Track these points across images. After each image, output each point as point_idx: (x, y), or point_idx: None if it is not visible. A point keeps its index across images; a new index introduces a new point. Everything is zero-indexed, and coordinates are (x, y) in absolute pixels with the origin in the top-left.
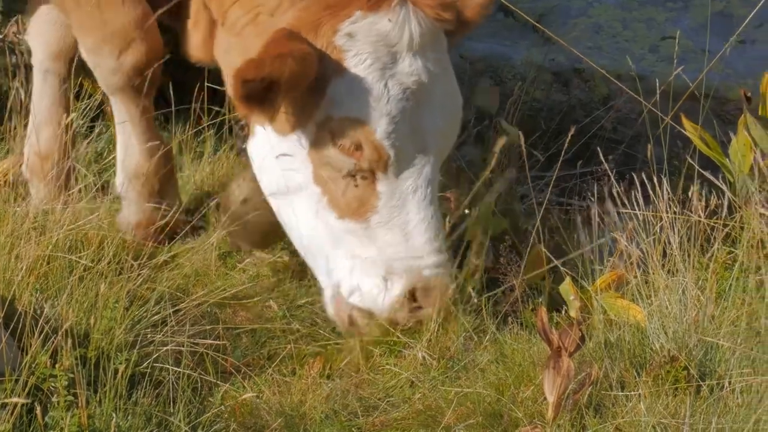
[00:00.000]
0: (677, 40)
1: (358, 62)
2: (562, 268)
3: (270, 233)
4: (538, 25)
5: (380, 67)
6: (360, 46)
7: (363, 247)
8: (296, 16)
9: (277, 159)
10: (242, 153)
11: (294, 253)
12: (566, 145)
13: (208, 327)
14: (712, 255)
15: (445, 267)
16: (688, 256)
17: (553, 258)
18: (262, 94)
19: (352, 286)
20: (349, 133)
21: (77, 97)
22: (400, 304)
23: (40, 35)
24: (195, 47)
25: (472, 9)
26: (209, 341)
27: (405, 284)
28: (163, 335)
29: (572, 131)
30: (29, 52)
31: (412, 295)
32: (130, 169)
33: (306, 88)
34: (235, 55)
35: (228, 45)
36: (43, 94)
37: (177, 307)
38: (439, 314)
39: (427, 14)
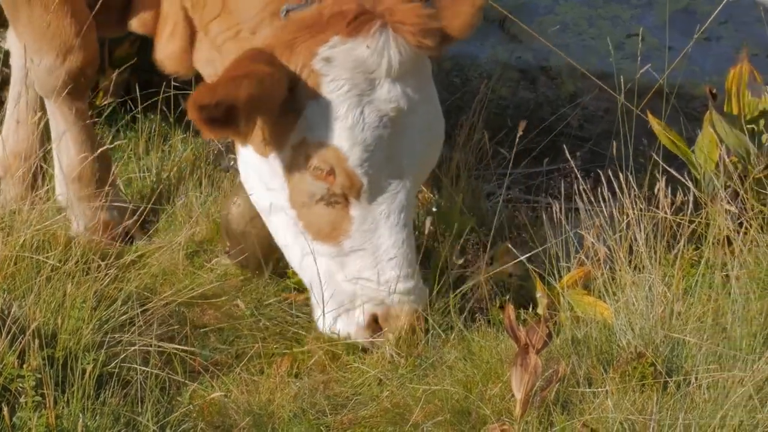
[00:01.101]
0: (642, 38)
1: (335, 88)
2: (529, 265)
3: (273, 251)
4: (513, 18)
5: (357, 94)
6: (337, 72)
7: (336, 272)
8: (273, 35)
9: (260, 179)
10: (228, 170)
11: None
12: (516, 139)
13: (176, 326)
14: (679, 251)
15: (415, 293)
16: (655, 252)
17: (519, 255)
18: (224, 118)
19: (326, 316)
20: (322, 157)
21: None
22: (360, 331)
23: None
24: (170, 58)
25: (460, 21)
26: (177, 343)
27: (366, 312)
28: (130, 335)
29: (522, 127)
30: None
31: (374, 321)
32: (68, 174)
33: (279, 110)
34: (217, 68)
35: (210, 56)
36: (20, 96)
37: (145, 307)
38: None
39: (408, 41)
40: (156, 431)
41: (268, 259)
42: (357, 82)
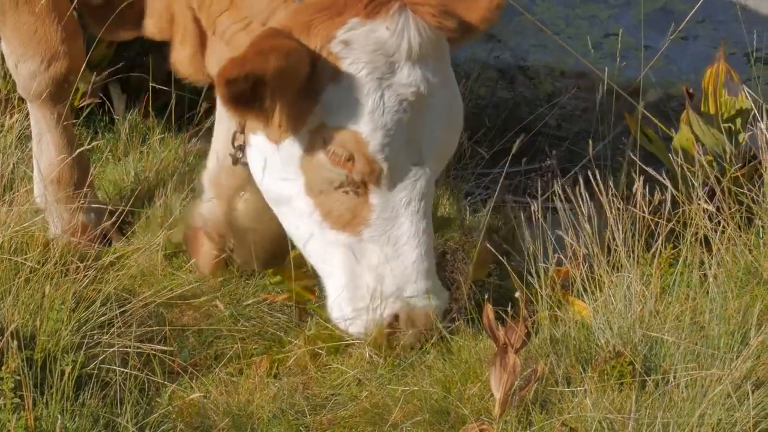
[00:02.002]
0: (620, 37)
1: (355, 71)
2: (507, 265)
3: (282, 247)
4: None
5: (377, 77)
6: (357, 55)
7: (355, 262)
8: (288, 17)
9: (271, 168)
10: (237, 163)
11: None
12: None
13: (155, 327)
14: (657, 250)
15: (434, 291)
16: (633, 251)
17: (498, 255)
18: (250, 94)
19: (339, 304)
20: (341, 143)
21: (22, 99)
22: (381, 330)
23: None
24: (183, 63)
25: (477, 15)
26: (155, 344)
27: (389, 312)
28: (109, 336)
29: (486, 125)
30: None
31: (395, 320)
32: (46, 176)
33: (298, 89)
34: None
35: (221, 55)
36: None
37: (123, 308)
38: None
39: (428, 22)
40: None
41: (276, 257)
42: (377, 65)
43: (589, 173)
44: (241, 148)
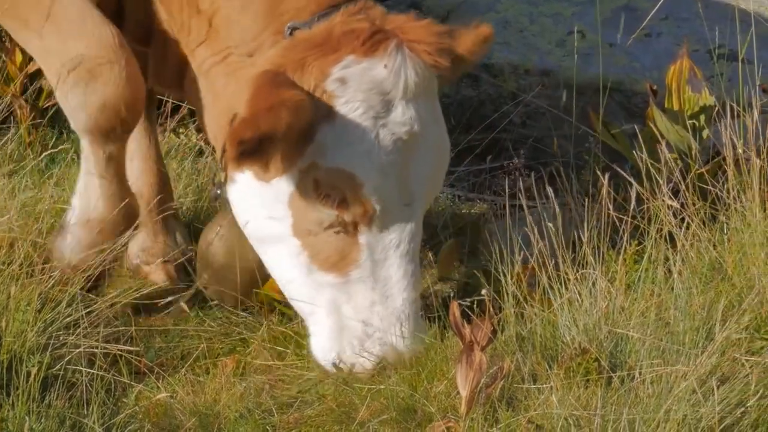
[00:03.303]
0: (583, 35)
1: (350, 110)
2: (473, 263)
3: (256, 283)
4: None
5: (372, 116)
6: (352, 93)
7: (342, 303)
8: (280, 54)
9: (257, 206)
10: (217, 199)
11: None
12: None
13: (121, 328)
14: (621, 247)
15: (418, 332)
16: (598, 248)
17: (464, 252)
18: (257, 148)
19: (323, 346)
20: (335, 184)
21: None
22: (366, 372)
23: None
24: (164, 80)
25: (464, 48)
26: (122, 344)
27: (375, 354)
28: (75, 337)
29: (451, 123)
30: None
31: (380, 361)
32: (86, 212)
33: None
34: (205, 95)
35: (197, 82)
36: None
37: (89, 309)
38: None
39: (424, 60)
40: None
41: (249, 294)
42: (372, 104)
43: (554, 171)
44: (221, 185)
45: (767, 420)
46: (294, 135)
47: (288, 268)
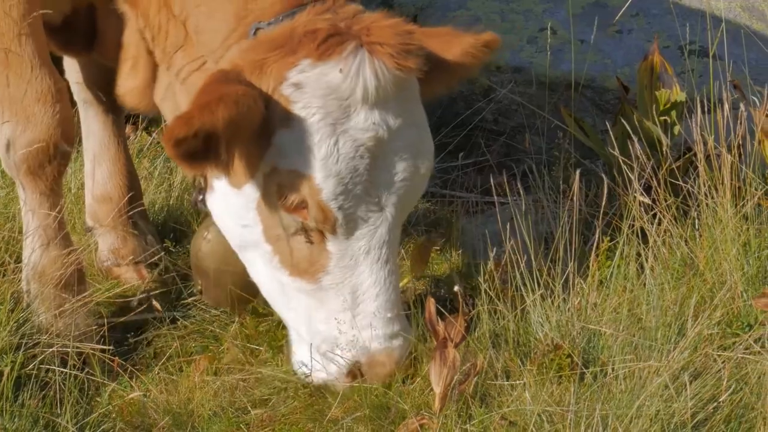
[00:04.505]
0: (554, 31)
1: (307, 116)
2: (446, 260)
3: (251, 286)
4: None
5: (330, 123)
6: (308, 99)
7: (314, 310)
8: (239, 55)
9: (232, 213)
10: (199, 207)
11: None
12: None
13: (94, 327)
14: (594, 243)
15: (398, 337)
16: (570, 244)
17: (437, 250)
18: (203, 147)
19: (299, 351)
20: (293, 188)
21: None
22: (340, 379)
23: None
24: (131, 94)
25: (458, 50)
26: (95, 343)
27: (347, 360)
28: (48, 336)
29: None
30: None
31: (356, 368)
32: (32, 267)
33: (252, 134)
34: (179, 103)
35: (171, 91)
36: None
37: (62, 308)
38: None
39: (386, 63)
40: None
41: (246, 298)
42: (330, 110)
43: (527, 167)
44: (201, 191)
45: (739, 415)
46: (243, 132)
47: (263, 273)
